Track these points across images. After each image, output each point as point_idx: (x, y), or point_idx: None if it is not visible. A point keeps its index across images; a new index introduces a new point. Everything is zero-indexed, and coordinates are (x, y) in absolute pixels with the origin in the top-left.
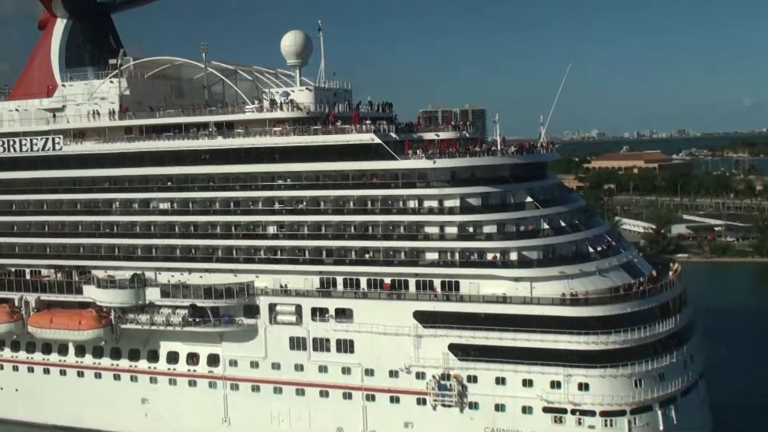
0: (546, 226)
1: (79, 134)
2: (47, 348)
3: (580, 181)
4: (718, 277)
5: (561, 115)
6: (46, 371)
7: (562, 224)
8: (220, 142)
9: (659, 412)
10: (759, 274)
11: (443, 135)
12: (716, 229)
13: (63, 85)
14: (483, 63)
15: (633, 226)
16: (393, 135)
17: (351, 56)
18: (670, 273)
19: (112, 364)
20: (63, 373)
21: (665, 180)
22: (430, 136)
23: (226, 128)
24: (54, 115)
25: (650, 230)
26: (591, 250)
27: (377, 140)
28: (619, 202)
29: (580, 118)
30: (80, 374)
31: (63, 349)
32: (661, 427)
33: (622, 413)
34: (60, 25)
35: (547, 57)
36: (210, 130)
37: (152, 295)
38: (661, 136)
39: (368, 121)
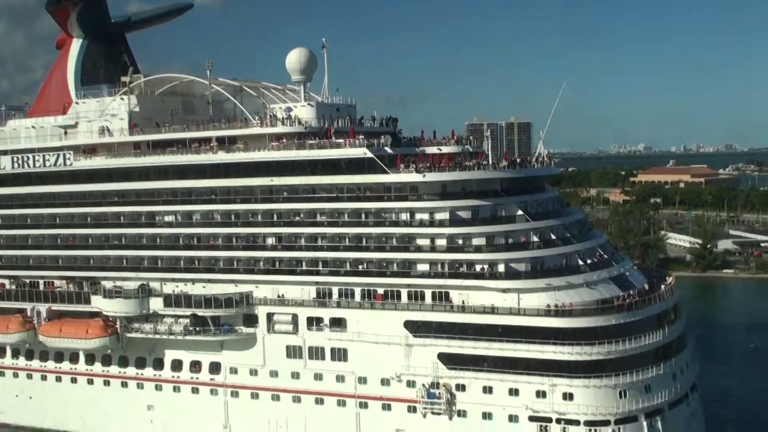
0: (535, 239)
1: (90, 150)
2: (59, 357)
3: (626, 195)
4: (763, 293)
5: (607, 128)
6: (58, 379)
7: (553, 237)
8: (220, 157)
9: (645, 423)
10: None
11: (445, 149)
12: (762, 244)
13: (77, 103)
14: (534, 74)
15: (679, 240)
16: (387, 149)
17: (396, 69)
18: (663, 286)
19: (120, 372)
20: (74, 381)
21: (712, 195)
22: (432, 150)
23: (228, 143)
24: (66, 132)
25: (696, 245)
26: (581, 262)
27: (369, 154)
28: (665, 216)
29: (626, 132)
30: (90, 382)
31: (74, 358)
32: None
33: (606, 423)
34: (76, 45)
35: (595, 69)
36: (212, 144)
37: (156, 304)
38: (708, 151)
39: (362, 136)
